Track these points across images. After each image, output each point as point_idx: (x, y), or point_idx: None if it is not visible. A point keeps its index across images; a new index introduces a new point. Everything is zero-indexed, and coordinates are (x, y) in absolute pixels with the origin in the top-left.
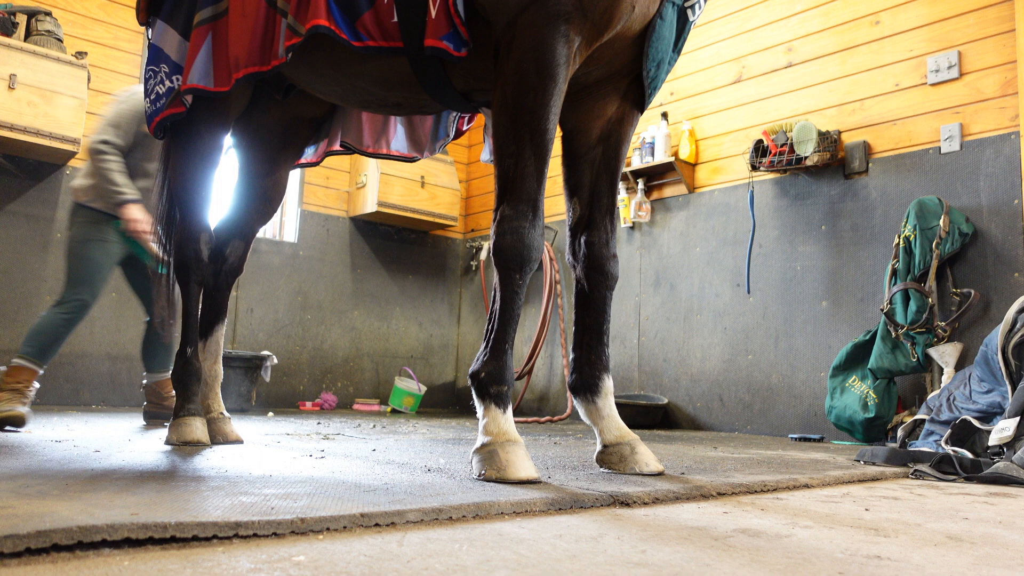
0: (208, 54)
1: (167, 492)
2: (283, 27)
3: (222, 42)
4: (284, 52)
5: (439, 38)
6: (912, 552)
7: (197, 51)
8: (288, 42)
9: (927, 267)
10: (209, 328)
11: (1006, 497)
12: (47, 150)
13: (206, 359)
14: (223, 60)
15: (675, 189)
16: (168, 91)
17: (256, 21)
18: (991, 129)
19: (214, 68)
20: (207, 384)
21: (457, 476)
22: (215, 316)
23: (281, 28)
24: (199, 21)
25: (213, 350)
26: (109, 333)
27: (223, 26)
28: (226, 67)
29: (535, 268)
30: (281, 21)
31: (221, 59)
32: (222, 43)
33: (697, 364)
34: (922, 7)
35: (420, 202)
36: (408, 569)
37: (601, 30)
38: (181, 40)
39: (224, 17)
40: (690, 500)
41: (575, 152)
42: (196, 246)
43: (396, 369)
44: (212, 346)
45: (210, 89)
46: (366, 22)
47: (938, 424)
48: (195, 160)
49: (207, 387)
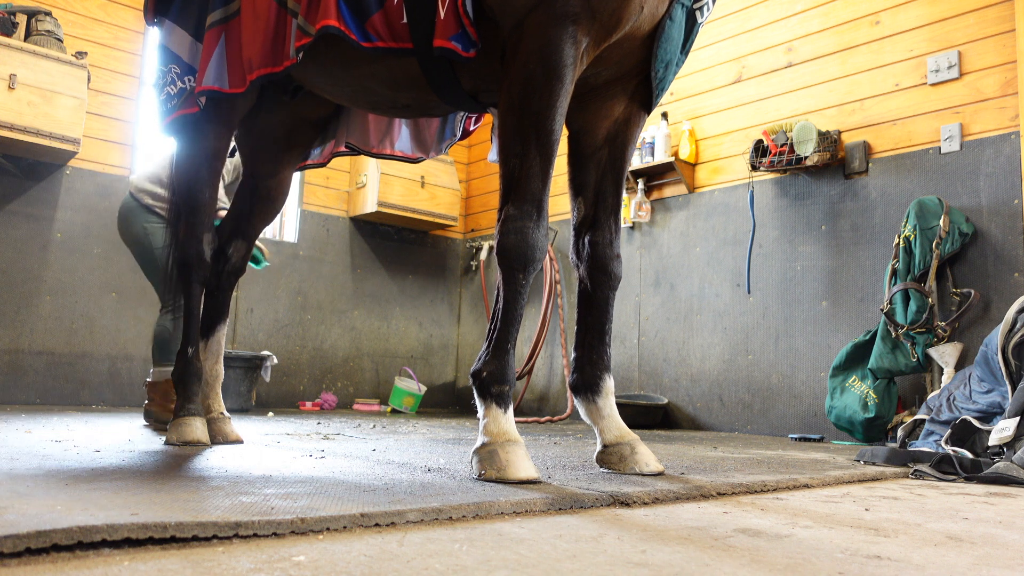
0: (222, 56)
1: (167, 492)
2: (293, 27)
3: (235, 43)
4: (294, 52)
5: (448, 39)
6: (912, 552)
7: (211, 53)
8: (298, 42)
9: (927, 267)
10: (211, 328)
11: (1006, 497)
12: (47, 150)
13: (207, 359)
14: (237, 61)
15: (675, 189)
16: (180, 91)
17: (268, 22)
18: (991, 129)
19: (228, 69)
20: (207, 384)
21: (457, 476)
22: (217, 316)
23: (292, 29)
24: (212, 23)
25: (214, 350)
26: (109, 333)
27: (236, 27)
28: (240, 68)
29: (538, 268)
30: (292, 22)
31: (235, 60)
32: (235, 44)
33: (697, 364)
34: (922, 7)
35: (420, 202)
36: (408, 569)
37: (609, 31)
38: (193, 41)
39: (236, 18)
40: (690, 500)
41: (581, 152)
42: (199, 246)
43: (396, 369)
44: (213, 346)
45: (225, 91)
46: (375, 23)
47: (938, 424)
48: (201, 160)
49: (207, 387)
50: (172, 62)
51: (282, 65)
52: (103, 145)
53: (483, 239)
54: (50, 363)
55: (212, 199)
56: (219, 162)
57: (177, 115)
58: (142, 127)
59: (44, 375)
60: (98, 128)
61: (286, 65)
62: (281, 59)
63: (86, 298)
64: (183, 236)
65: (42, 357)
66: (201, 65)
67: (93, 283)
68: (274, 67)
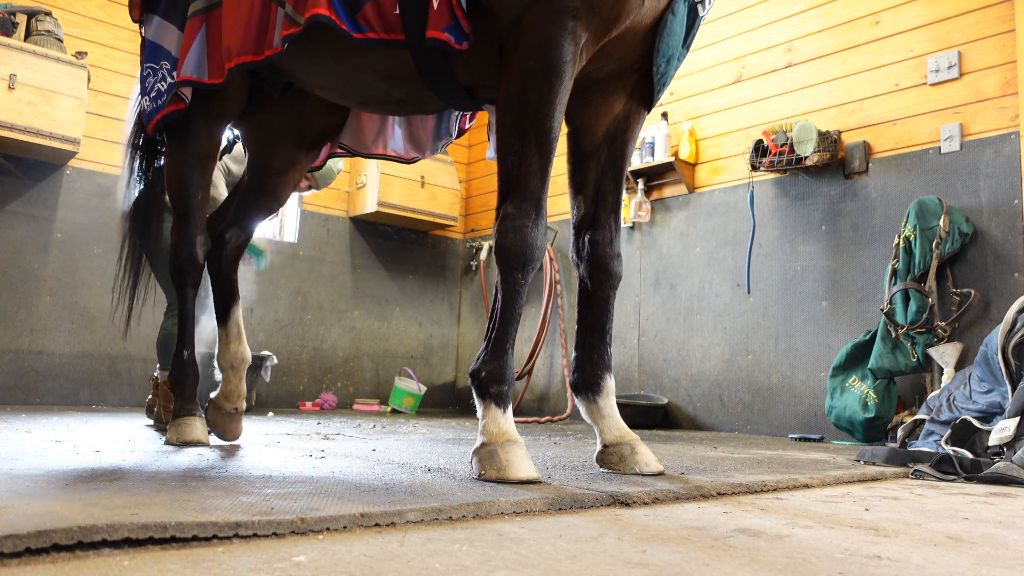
0: (202, 45)
1: (167, 492)
2: (279, 16)
3: (216, 32)
4: (281, 41)
5: (441, 30)
6: (912, 552)
7: (191, 42)
8: (285, 31)
9: (927, 267)
10: (226, 311)
11: (1006, 497)
12: (47, 150)
13: (229, 342)
14: (216, 51)
15: (675, 189)
16: (169, 87)
17: (251, 11)
18: (991, 129)
19: (208, 59)
20: (233, 368)
21: (457, 476)
22: (229, 298)
23: (277, 18)
24: (193, 12)
25: (235, 332)
26: (109, 333)
27: (216, 17)
28: (219, 58)
29: (537, 268)
30: (277, 10)
31: (214, 50)
32: (215, 33)
33: (697, 364)
34: (922, 7)
35: (420, 202)
36: (408, 569)
37: (609, 26)
38: (180, 34)
39: (218, 8)
40: (690, 500)
41: (581, 150)
42: (192, 249)
43: (396, 369)
44: (233, 328)
45: (204, 81)
46: (367, 13)
47: (938, 424)
48: (191, 160)
49: (232, 371)
50: (161, 58)
51: (264, 54)
52: (103, 145)
53: (483, 239)
54: (50, 363)
55: (204, 200)
56: (211, 162)
57: (166, 112)
58: None
59: (44, 375)
60: (98, 128)
61: (267, 54)
62: (263, 48)
63: (86, 298)
64: (175, 239)
65: (42, 357)
66: (181, 55)
67: (93, 283)
68: (255, 56)
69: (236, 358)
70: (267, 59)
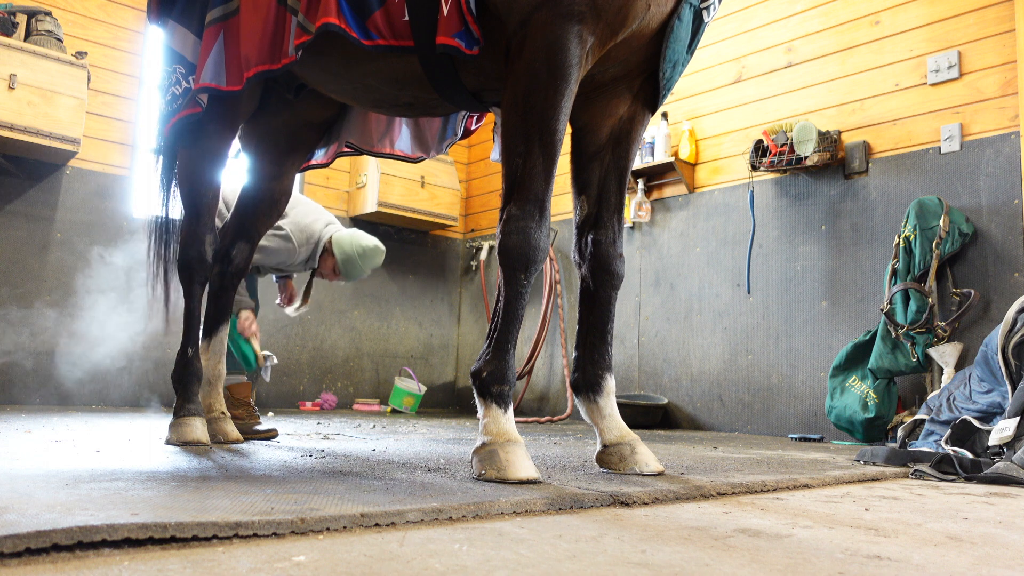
0: (220, 53)
1: (167, 492)
2: (293, 25)
3: (233, 41)
4: (294, 50)
5: (451, 36)
6: (912, 552)
7: (209, 50)
8: (298, 40)
9: (927, 267)
10: (214, 328)
11: (1006, 497)
12: (47, 150)
13: (210, 359)
14: (235, 59)
15: (675, 189)
16: (185, 91)
17: (267, 20)
18: (991, 129)
19: (226, 67)
20: (209, 383)
21: (457, 476)
22: (220, 316)
23: (291, 26)
24: (211, 20)
25: (217, 350)
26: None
27: (234, 25)
28: (237, 66)
29: (540, 269)
30: (291, 19)
31: (233, 58)
32: (233, 42)
33: (697, 364)
34: (922, 7)
35: (420, 202)
36: (408, 569)
37: (615, 30)
38: (196, 40)
39: (235, 16)
40: (690, 500)
41: (584, 150)
42: (201, 247)
43: (396, 369)
44: (216, 346)
45: (222, 88)
46: (377, 20)
47: (938, 424)
48: (204, 162)
49: (209, 386)
50: (177, 62)
51: (280, 63)
52: (103, 145)
53: (483, 239)
54: (50, 363)
55: (214, 201)
56: (221, 164)
57: (182, 115)
58: (142, 127)
59: (44, 375)
60: (98, 128)
61: (284, 63)
62: (279, 57)
63: (86, 298)
64: (184, 238)
65: (42, 357)
66: (199, 63)
67: (93, 283)
68: (272, 65)
69: (212, 374)
70: (284, 68)
